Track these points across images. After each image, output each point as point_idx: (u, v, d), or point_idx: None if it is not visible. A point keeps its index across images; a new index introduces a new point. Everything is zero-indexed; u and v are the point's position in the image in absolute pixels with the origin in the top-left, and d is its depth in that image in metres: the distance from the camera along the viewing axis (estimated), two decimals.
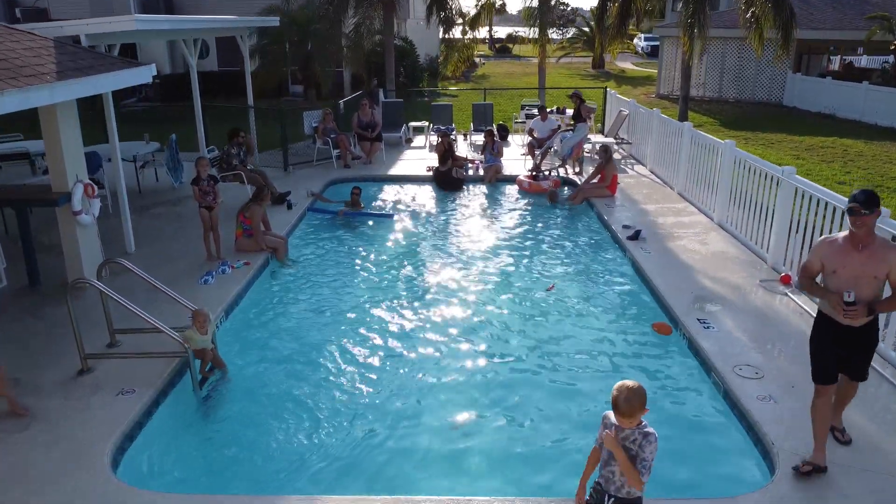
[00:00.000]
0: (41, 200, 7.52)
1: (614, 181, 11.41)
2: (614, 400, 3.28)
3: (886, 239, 4.44)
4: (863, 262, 4.28)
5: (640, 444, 3.29)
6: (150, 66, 7.77)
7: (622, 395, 3.26)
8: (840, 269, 4.36)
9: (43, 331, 6.56)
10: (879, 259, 4.25)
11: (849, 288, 4.29)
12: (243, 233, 8.65)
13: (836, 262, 4.38)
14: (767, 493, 4.30)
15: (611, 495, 3.45)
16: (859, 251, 4.30)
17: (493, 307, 7.49)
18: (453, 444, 5.09)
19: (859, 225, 4.21)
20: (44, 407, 5.25)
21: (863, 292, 4.30)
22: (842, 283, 4.34)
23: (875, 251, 4.28)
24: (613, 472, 3.41)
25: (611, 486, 3.45)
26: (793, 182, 7.63)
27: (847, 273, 4.33)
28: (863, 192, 4.21)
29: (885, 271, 4.24)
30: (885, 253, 4.26)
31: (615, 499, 3.44)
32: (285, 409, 5.50)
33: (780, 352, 6.11)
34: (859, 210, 4.18)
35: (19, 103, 5.54)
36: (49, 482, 4.41)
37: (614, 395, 3.29)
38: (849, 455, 4.64)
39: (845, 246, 4.36)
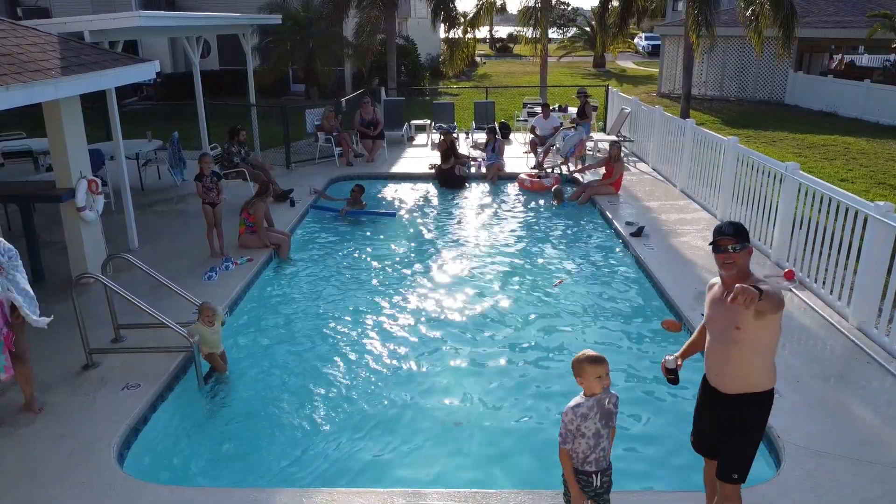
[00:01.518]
0: (45, 197, 7.53)
1: (620, 179, 11.41)
2: (585, 358, 3.36)
3: (761, 280, 3.38)
4: (725, 312, 3.39)
5: (616, 404, 3.46)
6: (153, 62, 7.78)
7: (586, 353, 3.40)
8: (710, 321, 3.57)
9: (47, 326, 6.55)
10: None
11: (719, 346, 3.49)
12: (246, 229, 8.65)
13: (711, 312, 3.57)
14: (774, 484, 4.30)
15: (600, 471, 3.46)
16: (724, 298, 3.40)
17: (497, 303, 7.49)
18: (457, 439, 5.09)
19: (729, 265, 3.40)
20: (50, 402, 5.26)
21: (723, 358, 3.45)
22: (713, 341, 3.56)
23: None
24: (604, 449, 3.44)
25: (602, 462, 3.46)
26: (796, 178, 7.62)
27: (716, 326, 3.51)
28: (731, 224, 3.47)
29: (748, 316, 3.30)
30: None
31: (603, 471, 3.48)
32: (289, 404, 5.50)
33: (785, 346, 6.11)
34: (727, 245, 3.40)
35: (24, 98, 5.56)
36: (56, 476, 4.42)
37: (581, 357, 3.38)
38: (855, 447, 4.64)
39: (719, 291, 3.53)
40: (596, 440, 3.39)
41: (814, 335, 6.33)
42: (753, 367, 3.43)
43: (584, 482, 3.48)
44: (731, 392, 3.48)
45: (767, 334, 3.38)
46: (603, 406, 3.38)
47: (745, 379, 3.44)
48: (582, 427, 3.38)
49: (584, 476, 3.46)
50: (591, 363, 3.34)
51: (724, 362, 3.47)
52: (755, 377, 3.45)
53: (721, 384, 3.52)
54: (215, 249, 8.47)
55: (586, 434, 3.38)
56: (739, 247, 3.39)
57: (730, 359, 3.44)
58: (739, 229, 3.44)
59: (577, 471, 3.47)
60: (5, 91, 5.22)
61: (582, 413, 3.38)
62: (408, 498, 4.21)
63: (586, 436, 3.38)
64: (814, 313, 6.75)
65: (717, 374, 3.53)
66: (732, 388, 3.47)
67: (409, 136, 16.30)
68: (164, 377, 5.59)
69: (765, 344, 3.40)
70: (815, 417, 5.00)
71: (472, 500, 4.19)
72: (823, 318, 6.62)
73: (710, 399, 3.61)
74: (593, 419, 3.37)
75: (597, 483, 3.47)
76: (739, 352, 3.40)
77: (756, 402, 3.48)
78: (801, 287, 7.33)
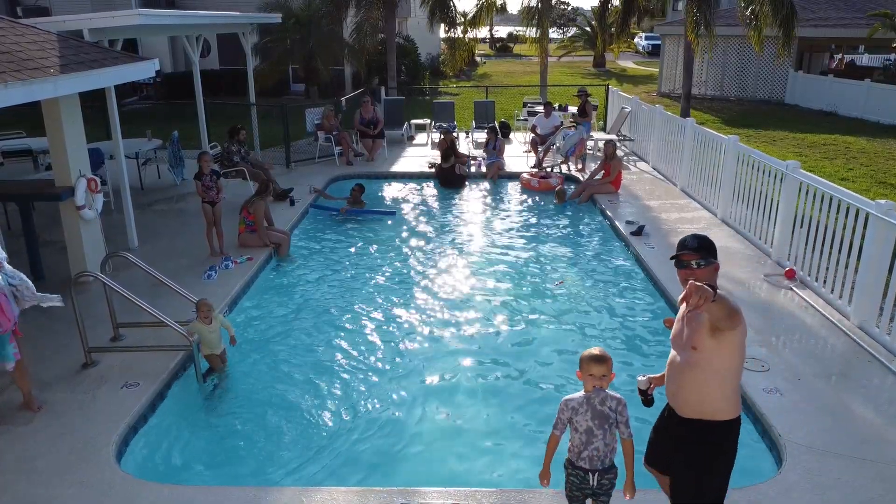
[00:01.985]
0: (45, 195, 7.51)
1: (619, 177, 11.40)
2: (587, 355, 3.33)
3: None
4: (683, 330, 3.22)
5: (616, 409, 3.33)
6: (153, 60, 7.77)
7: (592, 350, 3.36)
8: (672, 339, 3.35)
9: (47, 325, 6.54)
10: (699, 320, 3.11)
11: (676, 365, 3.29)
12: (246, 228, 8.64)
13: (674, 330, 3.36)
14: (776, 483, 4.29)
15: (595, 470, 3.40)
16: (686, 314, 3.22)
17: (498, 301, 7.47)
18: (457, 437, 5.07)
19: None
20: (49, 400, 5.24)
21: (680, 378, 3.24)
22: (672, 359, 3.35)
23: (698, 314, 3.10)
24: (598, 449, 3.36)
25: (597, 462, 3.39)
26: (797, 177, 7.61)
27: (676, 344, 3.31)
28: (695, 238, 3.23)
29: (704, 334, 3.08)
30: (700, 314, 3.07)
31: (600, 472, 3.41)
32: (288, 403, 5.49)
33: (786, 345, 6.10)
34: (690, 260, 3.19)
35: (23, 96, 5.54)
36: (54, 474, 4.40)
37: (585, 353, 3.35)
38: (856, 446, 4.62)
39: (684, 309, 3.21)
40: (588, 437, 3.36)
41: (815, 334, 6.31)
42: (709, 393, 3.17)
43: (579, 477, 3.45)
44: (684, 416, 3.27)
45: (726, 357, 3.13)
46: (594, 405, 3.34)
47: (701, 405, 3.20)
48: (574, 420, 3.38)
49: (579, 472, 3.44)
50: (589, 360, 3.32)
51: (680, 384, 3.26)
52: (711, 404, 3.18)
53: (676, 406, 3.32)
54: (215, 248, 8.46)
55: (578, 429, 3.38)
56: (704, 262, 3.17)
57: (685, 381, 3.22)
58: (704, 243, 3.21)
59: (573, 464, 3.46)
60: (4, 89, 5.20)
61: (572, 406, 3.38)
62: (407, 496, 4.20)
63: (578, 431, 3.38)
64: (815, 312, 6.73)
65: (673, 394, 3.33)
66: (687, 412, 3.26)
67: (409, 135, 16.28)
68: (163, 375, 5.58)
69: (725, 368, 3.14)
70: (816, 416, 4.98)
71: (472, 499, 4.18)
72: (824, 316, 6.61)
73: (666, 418, 3.44)
74: (584, 415, 3.35)
75: (593, 482, 3.43)
76: (694, 374, 3.17)
77: (710, 432, 3.20)
78: (801, 286, 7.31)
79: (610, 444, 3.38)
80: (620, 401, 3.36)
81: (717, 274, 3.28)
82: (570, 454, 3.46)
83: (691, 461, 3.28)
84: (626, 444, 3.39)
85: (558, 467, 3.58)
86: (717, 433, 3.23)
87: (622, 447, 3.41)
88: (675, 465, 3.41)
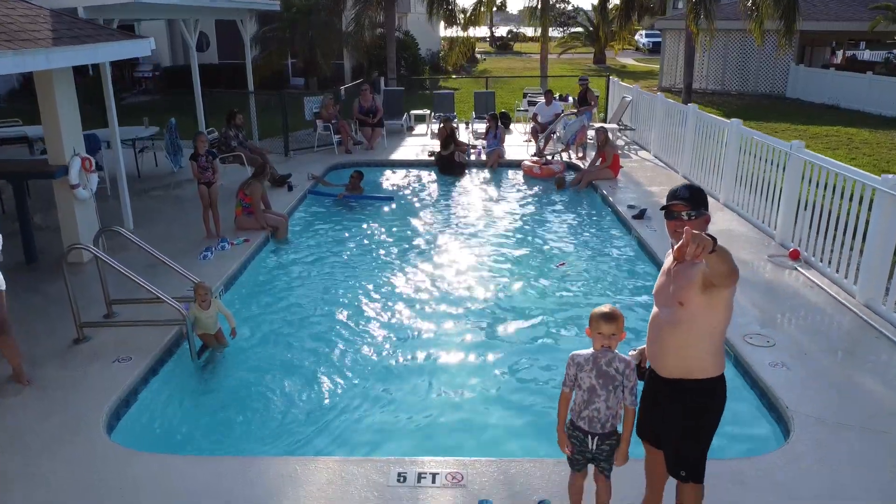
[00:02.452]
0: (38, 172, 7.41)
1: (616, 161, 11.31)
2: (597, 312, 3.15)
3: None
4: (669, 285, 3.07)
5: (623, 372, 3.18)
6: (149, 39, 7.65)
7: (602, 307, 3.18)
8: (656, 295, 3.19)
9: (40, 305, 6.44)
10: (688, 276, 2.96)
11: (658, 322, 3.13)
12: (243, 210, 8.53)
13: (657, 285, 3.20)
14: (783, 454, 4.18)
15: (595, 434, 3.27)
16: (672, 268, 3.09)
17: (499, 285, 7.36)
18: (455, 414, 4.97)
19: (680, 234, 2.84)
20: (40, 375, 5.13)
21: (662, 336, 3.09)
22: (654, 316, 3.19)
23: (686, 268, 2.98)
24: (599, 410, 3.21)
25: (596, 424, 3.24)
26: (801, 156, 7.50)
27: (660, 299, 3.15)
28: (686, 188, 3.06)
29: (694, 290, 2.92)
30: (698, 267, 2.91)
31: (599, 436, 3.27)
32: (281, 380, 5.37)
33: (791, 322, 6.00)
34: (681, 211, 3.01)
35: (14, 66, 5.44)
36: (45, 448, 4.29)
37: (595, 310, 3.17)
38: (866, 419, 4.51)
39: (669, 263, 3.15)
40: (589, 396, 3.21)
41: (820, 311, 6.20)
42: (694, 351, 3.02)
43: (579, 439, 3.32)
44: (666, 376, 3.11)
45: (714, 315, 2.96)
46: (600, 365, 3.19)
47: (684, 362, 3.04)
48: (578, 377, 3.25)
49: (579, 433, 3.30)
50: (598, 318, 3.16)
51: (662, 342, 3.09)
52: (694, 361, 3.04)
53: (657, 366, 3.15)
54: (211, 231, 8.35)
55: (581, 386, 3.25)
56: (695, 214, 2.98)
57: (668, 339, 3.05)
58: (696, 194, 3.03)
59: (573, 424, 3.33)
60: None
61: (578, 362, 3.25)
62: (404, 465, 4.08)
63: (581, 388, 3.25)
64: (820, 291, 6.62)
65: (654, 354, 3.17)
66: (668, 372, 3.10)
67: (408, 125, 16.18)
68: (156, 351, 5.47)
69: (712, 326, 2.98)
70: (823, 390, 4.87)
71: (472, 468, 4.07)
72: (830, 295, 6.50)
73: (651, 382, 3.25)
74: (588, 373, 3.21)
75: (592, 446, 3.29)
76: (678, 332, 3.01)
77: (694, 391, 3.06)
78: (806, 266, 7.20)
79: (613, 409, 3.23)
80: (629, 364, 3.20)
81: (708, 227, 3.05)
82: (571, 413, 3.34)
83: (678, 424, 3.15)
84: (628, 412, 3.24)
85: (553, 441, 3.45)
86: (702, 393, 3.09)
87: (624, 414, 3.26)
88: (665, 434, 3.25)
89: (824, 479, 3.95)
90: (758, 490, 3.86)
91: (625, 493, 3.65)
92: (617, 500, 3.52)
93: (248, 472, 4.05)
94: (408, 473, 3.99)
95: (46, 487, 3.95)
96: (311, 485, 3.93)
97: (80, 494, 3.89)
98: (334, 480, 3.96)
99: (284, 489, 3.90)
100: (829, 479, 3.95)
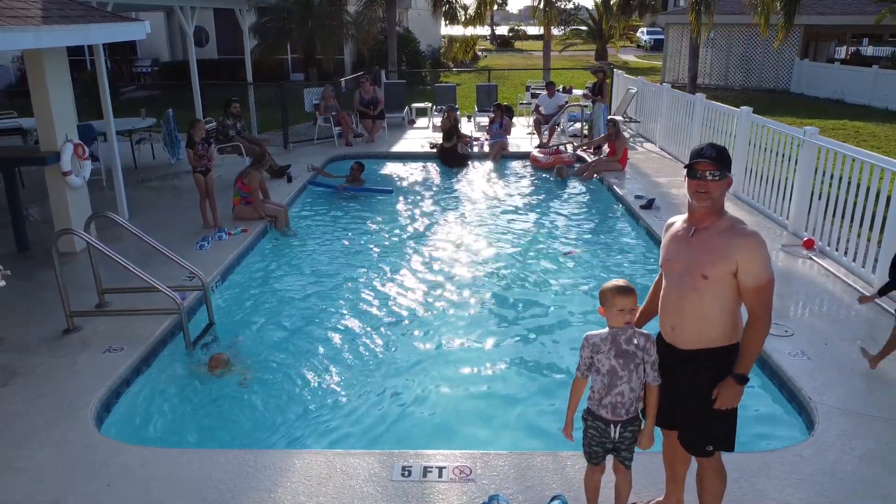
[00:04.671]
0: (29, 158, 7.19)
1: (625, 155, 11.10)
2: (611, 287, 2.97)
3: (737, 220, 2.86)
4: (690, 254, 2.88)
5: (644, 346, 2.96)
6: (144, 22, 7.45)
7: (616, 281, 3.02)
8: (668, 263, 3.00)
9: (31, 293, 6.24)
10: (715, 250, 2.80)
11: (675, 294, 2.94)
12: (241, 200, 8.32)
13: (669, 252, 3.01)
14: (809, 446, 3.96)
15: (619, 421, 3.02)
16: (689, 237, 2.91)
17: (504, 275, 7.14)
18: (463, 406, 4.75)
19: (702, 195, 2.79)
20: (29, 363, 4.93)
21: (681, 307, 2.91)
22: (669, 287, 2.99)
23: (711, 238, 2.84)
24: (623, 394, 2.98)
25: (620, 410, 3.00)
26: (815, 142, 7.28)
27: (676, 268, 2.95)
28: (712, 146, 2.84)
29: (723, 270, 2.78)
30: (726, 242, 2.79)
31: (623, 423, 3.03)
32: (276, 371, 5.16)
33: (809, 311, 5.78)
34: (705, 171, 2.79)
35: (2, 43, 5.22)
36: (32, 436, 4.09)
37: (607, 285, 2.99)
38: (892, 409, 4.30)
39: (682, 228, 2.98)
40: (610, 380, 2.97)
41: (837, 300, 5.99)
42: (716, 320, 2.86)
43: (600, 430, 3.06)
44: (686, 348, 2.92)
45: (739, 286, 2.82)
46: (619, 343, 2.96)
47: (705, 332, 2.88)
48: (595, 359, 3.00)
49: (600, 423, 3.06)
50: (616, 293, 2.93)
51: (682, 313, 2.90)
52: (716, 330, 2.87)
53: (676, 339, 2.95)
54: (209, 220, 8.14)
55: (601, 370, 2.99)
56: (719, 175, 2.79)
57: (689, 309, 2.87)
58: (723, 154, 2.83)
59: (593, 414, 3.08)
60: None
61: (594, 343, 3.00)
62: (408, 459, 3.86)
63: (601, 372, 3.00)
64: (836, 279, 6.41)
65: (673, 326, 2.96)
66: (688, 343, 2.92)
67: (409, 119, 15.95)
68: (149, 340, 5.25)
69: (735, 298, 2.83)
70: (846, 379, 4.65)
71: (481, 462, 3.84)
72: (847, 283, 6.28)
73: (665, 359, 3.00)
74: (607, 354, 2.97)
75: (614, 435, 3.04)
76: (700, 301, 2.84)
77: (719, 359, 2.90)
78: (821, 255, 6.99)
79: (636, 391, 3.00)
80: (649, 337, 2.97)
81: (728, 190, 2.90)
82: (589, 402, 3.10)
83: (703, 396, 2.91)
84: (652, 390, 3.00)
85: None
86: (725, 359, 2.90)
87: (647, 394, 3.02)
88: (688, 411, 3.00)
89: (854, 472, 3.73)
90: (785, 483, 3.64)
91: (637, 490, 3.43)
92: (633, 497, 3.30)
93: (243, 465, 3.82)
94: (413, 467, 3.77)
95: (29, 475, 3.75)
96: (310, 479, 3.71)
97: (64, 484, 3.68)
98: (334, 474, 3.74)
99: (280, 483, 3.68)
100: (859, 472, 3.73)
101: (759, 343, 2.84)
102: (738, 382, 2.85)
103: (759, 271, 2.77)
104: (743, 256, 2.75)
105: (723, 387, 2.86)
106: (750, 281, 2.77)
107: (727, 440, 3.01)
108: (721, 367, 2.90)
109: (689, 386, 2.97)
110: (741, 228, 2.81)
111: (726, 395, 2.85)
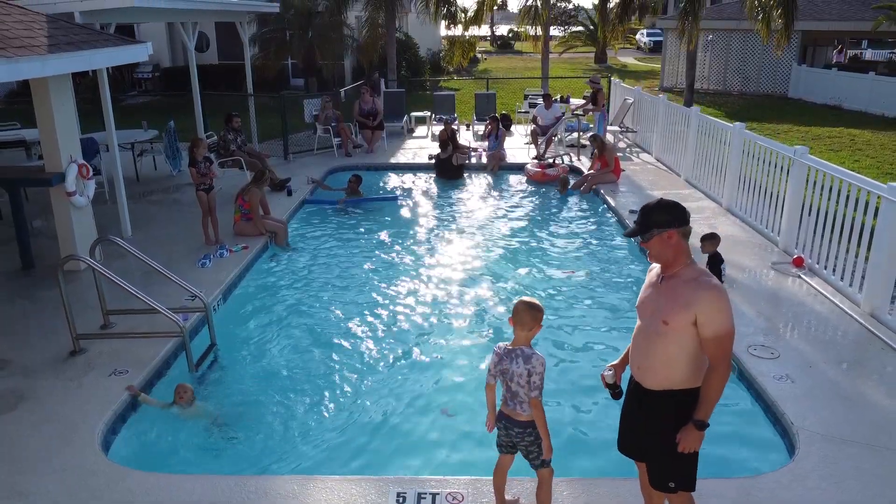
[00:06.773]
0: (34, 179, 7.33)
1: (617, 165, 11.25)
2: (518, 302, 3.42)
3: (703, 272, 3.00)
4: (657, 300, 3.03)
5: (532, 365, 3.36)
6: (146, 44, 7.59)
7: (525, 298, 3.47)
8: (641, 306, 3.16)
9: (36, 313, 6.38)
10: (679, 299, 2.92)
11: (642, 336, 3.10)
12: (242, 217, 8.46)
13: (642, 295, 3.18)
14: (789, 471, 4.10)
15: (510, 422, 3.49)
16: (659, 283, 3.07)
17: (502, 292, 7.28)
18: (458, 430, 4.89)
19: (649, 255, 3.05)
20: (34, 386, 5.07)
21: (647, 350, 3.05)
22: (639, 329, 3.15)
23: (676, 286, 2.97)
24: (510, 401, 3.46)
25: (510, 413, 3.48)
26: (806, 162, 7.42)
27: (645, 313, 3.11)
28: (641, 211, 3.02)
29: (683, 318, 2.88)
30: (690, 293, 2.90)
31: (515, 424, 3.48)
32: (281, 391, 5.31)
33: (796, 332, 5.91)
34: (632, 237, 3.13)
35: (8, 74, 5.37)
36: (37, 461, 4.23)
37: (518, 301, 3.43)
38: (872, 434, 4.44)
39: (656, 275, 3.13)
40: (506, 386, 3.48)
41: (824, 321, 6.13)
42: (679, 363, 2.97)
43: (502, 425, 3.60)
44: (650, 388, 3.06)
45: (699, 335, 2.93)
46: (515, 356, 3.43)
47: (668, 375, 3.00)
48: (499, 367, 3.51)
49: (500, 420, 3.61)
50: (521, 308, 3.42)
51: (647, 355, 3.05)
52: (678, 373, 2.99)
53: (642, 378, 3.10)
54: (210, 237, 8.28)
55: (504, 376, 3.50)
56: (647, 236, 2.96)
57: (653, 352, 3.01)
58: (647, 216, 2.96)
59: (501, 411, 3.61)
60: None
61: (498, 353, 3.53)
62: (405, 485, 4.01)
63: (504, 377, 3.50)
64: (824, 299, 6.55)
65: (639, 366, 3.11)
66: (653, 384, 3.05)
67: (409, 127, 16.09)
68: (153, 363, 5.40)
69: (696, 342, 2.93)
70: (829, 403, 4.80)
71: (472, 487, 3.99)
72: (834, 304, 6.42)
73: (633, 394, 3.17)
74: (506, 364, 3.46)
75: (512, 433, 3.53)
76: (664, 345, 2.97)
77: (680, 400, 3.01)
78: (810, 274, 7.13)
79: (524, 400, 3.38)
80: (540, 359, 3.35)
81: (680, 242, 2.95)
82: None
83: (666, 435, 3.04)
84: (532, 402, 3.36)
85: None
86: (691, 401, 3.01)
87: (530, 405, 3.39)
88: (652, 447, 3.16)
89: (831, 499, 3.87)
90: None
91: None
92: None
93: (244, 491, 3.97)
94: (407, 494, 3.92)
95: (34, 501, 3.88)
96: None
97: None
98: (332, 500, 3.89)
99: None
100: (837, 498, 3.88)
101: (718, 390, 2.94)
102: (697, 428, 2.97)
103: (718, 324, 2.87)
104: (702, 308, 2.86)
105: (684, 431, 3.00)
106: (709, 332, 2.87)
107: (688, 479, 3.15)
108: (684, 409, 3.01)
109: (652, 426, 3.12)
110: (705, 281, 2.93)
111: (686, 439, 3.00)
